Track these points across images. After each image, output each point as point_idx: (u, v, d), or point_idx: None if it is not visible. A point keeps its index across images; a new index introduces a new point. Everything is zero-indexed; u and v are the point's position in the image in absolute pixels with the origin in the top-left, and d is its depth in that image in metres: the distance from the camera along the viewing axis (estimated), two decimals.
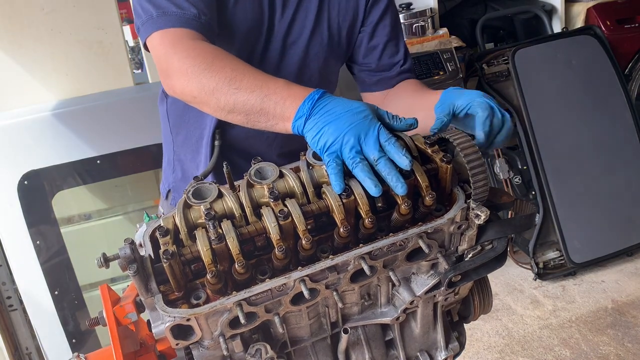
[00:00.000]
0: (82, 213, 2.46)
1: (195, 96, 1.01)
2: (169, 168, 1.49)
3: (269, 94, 0.92)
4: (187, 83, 1.00)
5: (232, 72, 0.97)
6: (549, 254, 3.04)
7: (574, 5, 3.32)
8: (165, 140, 1.49)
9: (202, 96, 0.99)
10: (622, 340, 2.58)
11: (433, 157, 0.84)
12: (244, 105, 0.94)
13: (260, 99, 0.93)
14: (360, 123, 0.82)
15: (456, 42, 2.94)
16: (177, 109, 1.39)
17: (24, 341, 2.49)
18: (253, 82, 0.95)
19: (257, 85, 0.94)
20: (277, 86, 0.93)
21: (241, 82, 0.95)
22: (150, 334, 0.92)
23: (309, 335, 0.91)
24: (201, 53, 1.01)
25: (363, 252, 0.78)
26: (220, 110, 0.98)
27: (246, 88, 0.94)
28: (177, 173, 1.45)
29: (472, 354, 2.63)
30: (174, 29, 1.06)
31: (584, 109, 3.03)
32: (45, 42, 2.30)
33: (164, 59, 1.05)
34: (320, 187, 0.82)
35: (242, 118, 0.97)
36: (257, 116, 0.94)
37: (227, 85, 0.95)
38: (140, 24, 1.11)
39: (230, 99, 0.95)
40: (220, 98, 0.96)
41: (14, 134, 2.23)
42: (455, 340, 1.01)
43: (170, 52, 1.04)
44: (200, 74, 0.98)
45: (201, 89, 0.98)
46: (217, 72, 0.97)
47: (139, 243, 0.80)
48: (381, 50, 1.34)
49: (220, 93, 0.96)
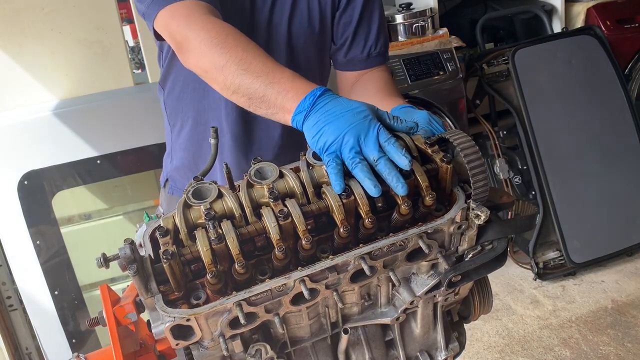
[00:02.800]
0: (82, 213, 2.46)
1: (207, 70, 1.01)
2: (167, 157, 1.51)
3: (273, 83, 0.92)
4: (200, 56, 1.00)
5: (243, 53, 0.97)
6: (549, 254, 3.04)
7: (574, 5, 3.32)
8: (166, 130, 1.51)
9: (212, 72, 0.99)
10: (622, 340, 2.58)
11: (433, 157, 0.84)
12: (247, 88, 0.94)
13: (265, 85, 0.93)
14: (360, 123, 0.82)
15: (456, 42, 2.94)
16: (172, 100, 1.41)
17: (24, 341, 2.49)
18: (261, 67, 0.95)
19: (264, 72, 0.94)
20: (282, 76, 0.93)
21: (250, 64, 0.95)
22: (150, 334, 0.92)
23: (309, 335, 0.91)
24: (215, 27, 1.01)
25: (363, 252, 0.78)
26: (227, 89, 0.98)
27: (253, 71, 0.94)
28: (174, 162, 1.47)
29: (472, 354, 2.63)
30: (183, 1, 1.06)
31: (584, 109, 3.03)
32: (45, 42, 2.30)
33: (178, 32, 1.05)
34: (320, 187, 0.82)
35: (245, 100, 0.97)
36: (259, 102, 0.94)
37: (236, 64, 0.95)
38: (145, 7, 1.10)
39: (237, 79, 0.95)
40: (227, 76, 0.96)
41: (14, 134, 2.24)
42: (455, 341, 1.01)
43: (183, 24, 1.04)
44: (212, 48, 0.98)
45: (212, 64, 0.98)
46: (228, 50, 0.97)
47: (139, 243, 0.80)
48: (354, 30, 1.35)
49: (229, 71, 0.96)
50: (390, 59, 2.76)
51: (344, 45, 1.38)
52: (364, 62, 1.38)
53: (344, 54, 1.39)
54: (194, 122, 1.39)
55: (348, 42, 1.37)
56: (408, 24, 2.91)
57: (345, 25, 1.36)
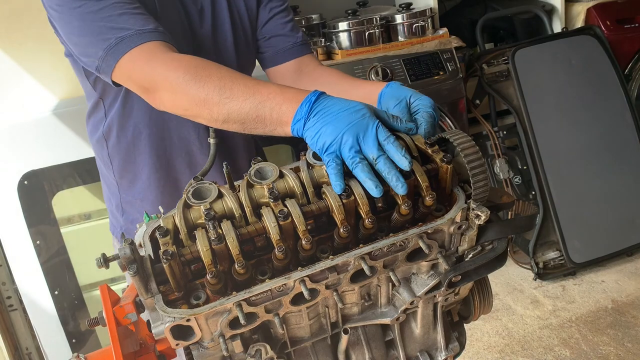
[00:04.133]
0: (82, 213, 2.46)
1: (187, 109, 0.98)
2: (117, 211, 1.44)
3: (263, 101, 0.90)
4: (175, 97, 0.97)
5: (219, 81, 0.94)
6: (549, 254, 3.04)
7: (574, 5, 3.32)
8: (107, 185, 1.45)
9: (193, 108, 0.96)
10: (622, 340, 2.58)
11: (433, 157, 0.84)
12: (238, 114, 0.92)
13: (255, 106, 0.91)
14: (358, 122, 0.82)
15: (456, 42, 2.94)
16: (120, 152, 1.35)
17: (24, 341, 2.49)
18: (244, 89, 0.92)
19: (250, 93, 0.91)
20: (269, 91, 0.91)
21: (232, 90, 0.92)
22: (150, 334, 0.92)
23: (309, 335, 0.91)
24: (181, 64, 0.97)
25: (363, 252, 0.77)
26: (215, 121, 0.96)
27: (238, 96, 0.92)
28: (129, 215, 1.42)
29: (472, 354, 2.63)
30: (139, 46, 1.01)
31: (584, 109, 3.03)
32: (46, 42, 2.30)
33: (143, 77, 1.01)
34: (320, 187, 0.82)
35: (238, 126, 0.95)
36: (254, 123, 0.92)
37: (218, 94, 0.93)
38: (100, 61, 1.04)
39: (224, 109, 0.93)
40: (212, 109, 0.94)
41: (14, 134, 2.23)
42: (455, 341, 1.01)
43: (147, 68, 1.00)
44: (186, 86, 0.95)
45: (191, 101, 0.95)
46: (204, 82, 0.94)
47: (138, 243, 0.80)
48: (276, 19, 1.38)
49: (212, 104, 0.93)
50: (390, 59, 2.78)
51: (266, 35, 1.39)
52: (292, 50, 1.38)
53: (268, 46, 1.40)
54: (151, 169, 1.34)
55: (269, 32, 1.39)
56: (408, 24, 2.91)
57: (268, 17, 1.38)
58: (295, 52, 1.38)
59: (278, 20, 1.39)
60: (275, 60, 1.40)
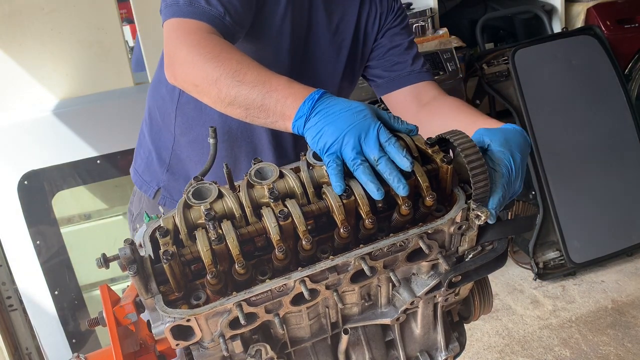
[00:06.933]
0: (82, 213, 2.46)
1: (197, 85, 1.00)
2: (161, 168, 1.46)
3: (271, 91, 0.92)
4: (190, 71, 1.00)
5: (237, 65, 0.96)
6: (549, 254, 3.04)
7: (574, 5, 3.32)
8: (159, 138, 1.46)
9: (204, 85, 0.98)
10: (622, 340, 2.58)
11: (433, 157, 0.84)
12: (245, 99, 0.94)
13: (262, 94, 0.92)
14: (360, 123, 0.82)
15: (456, 42, 2.94)
16: (191, 109, 1.37)
17: (24, 341, 2.49)
18: (256, 76, 0.94)
19: (260, 81, 0.93)
20: (279, 83, 0.92)
21: (245, 75, 0.94)
22: (150, 335, 0.92)
23: (309, 335, 0.91)
24: (210, 44, 1.01)
25: (363, 252, 0.77)
26: (221, 101, 0.97)
27: (249, 82, 0.94)
28: (171, 172, 1.44)
29: (472, 354, 2.63)
30: (194, 20, 1.06)
31: (584, 109, 3.03)
32: (45, 42, 2.30)
33: (172, 45, 1.05)
34: (321, 187, 0.81)
35: (242, 112, 0.96)
36: (257, 112, 0.94)
37: (231, 77, 0.95)
38: (164, 6, 1.11)
39: (232, 91, 0.95)
40: (222, 89, 0.96)
41: (14, 134, 2.24)
42: (456, 341, 1.01)
43: (181, 40, 1.04)
44: (205, 62, 0.97)
45: (204, 77, 0.98)
46: (222, 63, 0.96)
47: (139, 243, 0.80)
48: (397, 48, 1.39)
49: (223, 84, 0.95)
50: None
51: (385, 64, 1.40)
52: (410, 76, 1.37)
53: (387, 72, 1.40)
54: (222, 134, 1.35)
55: (391, 58, 1.39)
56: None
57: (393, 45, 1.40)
58: (412, 79, 1.37)
59: (397, 49, 1.39)
60: (388, 87, 1.41)
